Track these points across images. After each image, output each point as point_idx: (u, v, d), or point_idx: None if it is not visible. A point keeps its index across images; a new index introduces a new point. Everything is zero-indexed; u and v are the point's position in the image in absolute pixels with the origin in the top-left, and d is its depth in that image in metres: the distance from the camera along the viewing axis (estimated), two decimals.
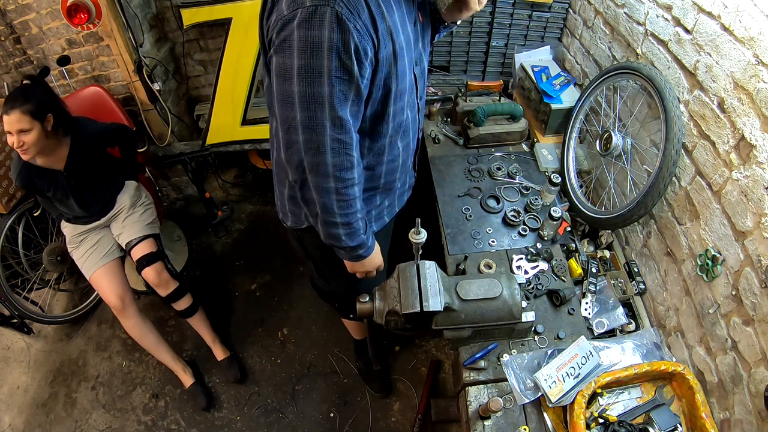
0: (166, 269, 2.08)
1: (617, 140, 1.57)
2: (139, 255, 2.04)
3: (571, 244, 1.65)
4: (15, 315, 2.27)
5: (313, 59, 0.93)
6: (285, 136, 1.04)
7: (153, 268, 2.03)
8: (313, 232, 1.30)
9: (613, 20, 1.71)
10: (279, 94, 1.00)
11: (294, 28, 0.92)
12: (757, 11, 1.07)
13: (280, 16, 0.94)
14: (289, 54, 0.94)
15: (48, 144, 1.77)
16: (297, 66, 0.94)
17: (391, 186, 1.36)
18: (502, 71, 2.32)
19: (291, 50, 0.93)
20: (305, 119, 0.99)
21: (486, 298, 1.29)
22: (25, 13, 2.18)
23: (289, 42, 0.93)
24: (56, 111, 1.78)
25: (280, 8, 0.94)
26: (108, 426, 2.17)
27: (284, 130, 1.03)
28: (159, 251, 2.10)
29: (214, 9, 2.21)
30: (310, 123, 0.99)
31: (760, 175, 1.06)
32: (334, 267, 1.48)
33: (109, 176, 2.06)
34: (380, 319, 1.31)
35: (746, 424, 1.10)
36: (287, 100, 0.99)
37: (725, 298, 1.18)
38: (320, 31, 0.91)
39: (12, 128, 1.68)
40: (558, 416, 1.27)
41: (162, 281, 2.05)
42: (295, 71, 0.94)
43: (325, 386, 2.21)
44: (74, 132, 1.88)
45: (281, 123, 1.03)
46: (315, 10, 0.90)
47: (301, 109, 0.98)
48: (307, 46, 0.92)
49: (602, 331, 1.46)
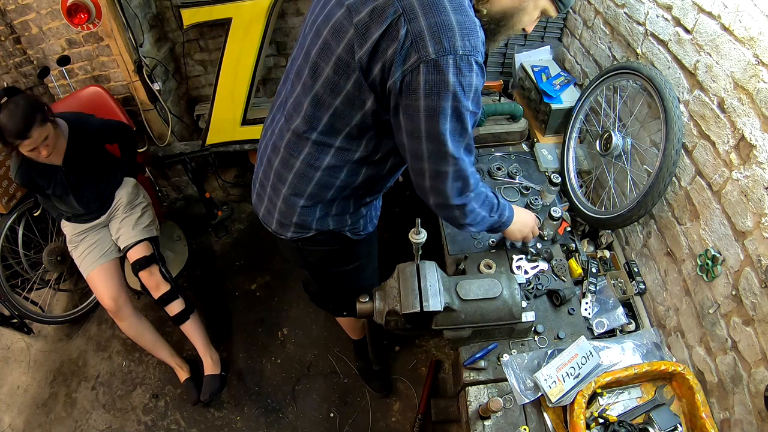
0: (159, 272, 2.08)
1: (617, 140, 1.57)
2: (135, 258, 2.06)
3: (571, 244, 1.65)
4: (15, 315, 2.27)
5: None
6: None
7: (147, 271, 2.05)
8: (314, 241, 1.33)
9: (613, 20, 1.71)
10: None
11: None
12: (757, 11, 1.07)
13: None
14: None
15: (52, 137, 1.77)
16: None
17: (387, 188, 1.42)
18: (502, 71, 2.32)
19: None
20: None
21: (486, 298, 1.29)
22: (25, 13, 2.18)
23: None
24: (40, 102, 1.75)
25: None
26: (108, 426, 2.17)
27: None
28: (153, 255, 2.10)
29: (214, 9, 2.21)
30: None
31: (760, 175, 1.06)
32: (331, 272, 1.53)
33: (108, 172, 2.06)
34: (380, 319, 1.31)
35: (746, 424, 1.10)
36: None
37: (725, 298, 1.18)
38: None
39: (37, 143, 1.70)
40: (558, 416, 1.27)
41: (153, 284, 2.06)
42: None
43: (325, 386, 2.21)
44: (73, 125, 1.87)
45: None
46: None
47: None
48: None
49: (602, 331, 1.46)
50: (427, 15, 0.93)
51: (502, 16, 1.12)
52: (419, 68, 0.94)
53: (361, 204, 1.35)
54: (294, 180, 1.23)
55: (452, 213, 1.21)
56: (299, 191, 1.23)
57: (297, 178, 1.22)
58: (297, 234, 1.32)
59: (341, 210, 1.30)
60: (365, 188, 1.29)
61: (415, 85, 0.96)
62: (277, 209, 1.30)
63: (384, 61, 0.98)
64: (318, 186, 1.22)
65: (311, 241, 1.34)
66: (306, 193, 1.23)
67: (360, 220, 1.38)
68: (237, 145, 2.54)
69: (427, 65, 0.94)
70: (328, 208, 1.28)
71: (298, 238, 1.33)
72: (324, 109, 1.10)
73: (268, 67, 2.66)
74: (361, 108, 1.07)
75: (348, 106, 1.08)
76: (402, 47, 0.95)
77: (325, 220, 1.30)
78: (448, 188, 1.14)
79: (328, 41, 1.05)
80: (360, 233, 1.41)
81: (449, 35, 0.93)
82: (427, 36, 0.93)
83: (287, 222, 1.31)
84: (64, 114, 1.91)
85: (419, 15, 0.93)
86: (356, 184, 1.24)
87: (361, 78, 1.02)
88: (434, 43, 0.93)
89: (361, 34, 0.98)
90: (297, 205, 1.26)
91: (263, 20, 2.21)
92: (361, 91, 1.04)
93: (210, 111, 2.44)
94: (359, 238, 1.41)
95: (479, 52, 0.98)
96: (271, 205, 1.31)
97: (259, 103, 2.60)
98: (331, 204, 1.27)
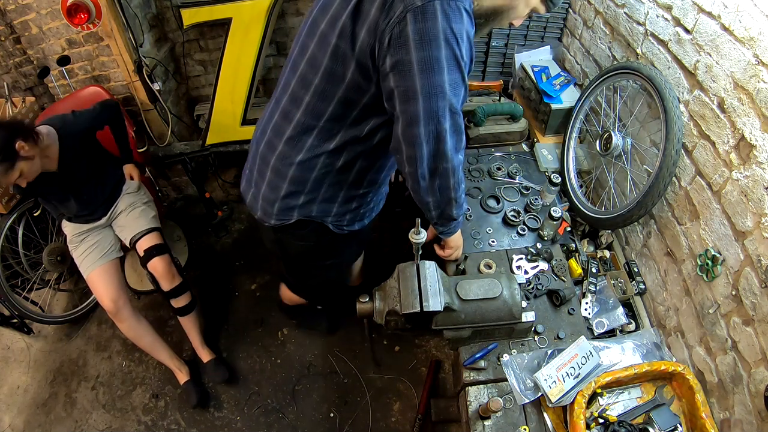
0: (172, 262, 2.08)
1: (617, 140, 1.57)
2: (146, 246, 2.03)
3: (571, 244, 1.65)
4: (15, 315, 2.27)
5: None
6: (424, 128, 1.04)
7: (161, 259, 2.03)
8: (296, 229, 1.32)
9: (613, 20, 1.71)
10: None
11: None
12: (757, 11, 1.07)
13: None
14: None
15: (38, 157, 1.74)
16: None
17: (383, 184, 1.40)
18: (502, 71, 2.32)
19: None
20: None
21: (486, 298, 1.29)
22: (25, 13, 2.18)
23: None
24: (16, 132, 1.65)
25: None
26: (108, 426, 2.17)
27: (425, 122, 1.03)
28: (165, 244, 2.10)
29: (214, 9, 2.21)
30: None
31: (760, 175, 1.06)
32: (308, 265, 1.54)
33: (106, 169, 2.05)
34: (380, 319, 1.31)
35: (746, 424, 1.10)
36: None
37: (725, 298, 1.18)
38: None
39: (8, 184, 1.71)
40: (558, 416, 1.27)
41: (169, 273, 2.04)
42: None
43: (325, 386, 2.21)
44: (60, 129, 1.85)
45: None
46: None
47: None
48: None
49: (602, 331, 1.46)
50: None
51: (492, 11, 1.11)
52: (406, 18, 0.92)
53: (351, 195, 1.31)
54: (276, 163, 1.22)
55: (447, 177, 1.15)
56: (282, 174, 1.22)
57: (279, 161, 1.21)
58: (280, 221, 1.30)
59: (328, 197, 1.27)
60: (353, 175, 1.25)
61: (405, 37, 0.94)
62: (261, 194, 1.30)
63: (369, 23, 0.96)
64: (301, 168, 1.20)
65: (293, 230, 1.33)
66: (288, 176, 1.22)
67: (347, 214, 1.35)
68: (237, 145, 2.54)
69: (414, 13, 0.92)
70: (313, 193, 1.25)
71: (280, 226, 1.32)
72: (306, 88, 1.10)
73: (268, 67, 2.66)
74: (341, 82, 1.05)
75: (329, 83, 1.06)
76: (386, 2, 0.93)
77: (309, 206, 1.27)
78: (448, 147, 1.08)
79: (316, 20, 1.06)
80: (343, 228, 1.37)
81: None
82: None
83: (270, 207, 1.29)
84: (47, 120, 1.88)
85: None
86: (339, 166, 1.20)
87: (343, 49, 1.01)
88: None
89: (345, 2, 0.99)
90: (280, 188, 1.25)
91: (263, 20, 2.20)
92: (343, 64, 1.03)
93: (210, 111, 2.44)
94: (341, 232, 1.38)
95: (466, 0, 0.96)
96: (257, 189, 1.31)
97: (259, 103, 2.60)
98: (316, 189, 1.24)
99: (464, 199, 1.29)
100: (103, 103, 2.05)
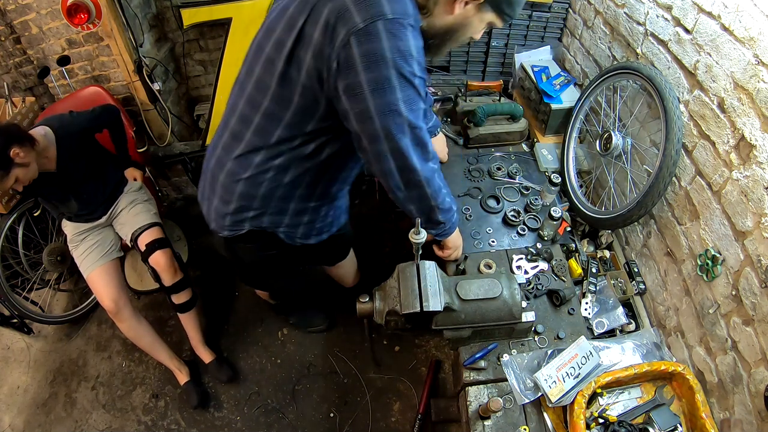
0: (174, 257, 2.08)
1: (617, 140, 1.57)
2: (148, 240, 2.03)
3: (571, 244, 1.65)
4: (15, 315, 2.27)
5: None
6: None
7: (163, 253, 2.02)
8: (246, 241, 1.34)
9: (613, 20, 1.71)
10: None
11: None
12: (757, 11, 1.07)
13: None
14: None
15: (33, 162, 1.73)
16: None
17: (336, 198, 1.41)
18: (502, 71, 2.32)
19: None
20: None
21: (486, 298, 1.29)
22: (25, 13, 2.18)
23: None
24: (11, 139, 1.64)
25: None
26: (108, 426, 2.17)
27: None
28: (167, 238, 2.10)
29: (214, 9, 2.21)
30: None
31: (760, 175, 1.06)
32: (264, 272, 1.59)
33: (105, 168, 2.05)
34: (380, 319, 1.31)
35: (746, 424, 1.10)
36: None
37: (725, 298, 1.19)
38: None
39: (3, 191, 1.70)
40: (558, 416, 1.27)
41: (171, 267, 2.04)
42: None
43: (325, 386, 2.21)
44: (58, 130, 1.85)
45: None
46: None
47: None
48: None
49: (602, 331, 1.46)
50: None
51: (446, 30, 1.12)
52: (350, 42, 0.92)
53: (302, 208, 1.32)
54: (225, 180, 1.23)
55: (421, 187, 1.17)
56: (231, 190, 1.23)
57: (228, 178, 1.22)
58: (232, 231, 1.32)
59: (278, 210, 1.28)
60: (302, 189, 1.26)
61: (352, 60, 0.94)
62: (214, 207, 1.31)
63: (314, 48, 0.96)
64: (249, 184, 1.21)
65: (244, 241, 1.35)
66: (237, 192, 1.23)
67: (300, 226, 1.36)
68: None
69: (357, 36, 0.92)
70: (263, 208, 1.26)
71: (232, 236, 1.33)
72: (256, 109, 1.11)
73: None
74: (289, 104, 1.06)
75: (278, 105, 1.08)
76: (327, 26, 0.94)
77: (259, 218, 1.28)
78: (413, 161, 1.09)
79: (261, 44, 1.08)
80: (296, 240, 1.38)
81: (374, 1, 0.91)
82: (352, 7, 0.92)
83: (222, 220, 1.31)
84: (45, 121, 1.89)
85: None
86: (286, 181, 1.21)
87: (290, 73, 1.01)
88: (359, 12, 0.91)
89: (289, 27, 1.00)
90: (230, 203, 1.26)
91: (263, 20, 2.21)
92: (290, 87, 1.03)
93: (210, 111, 2.44)
94: (294, 244, 1.39)
95: (410, 16, 0.96)
96: (209, 203, 1.33)
97: None
98: (265, 204, 1.25)
99: (449, 203, 1.30)
100: (104, 106, 2.06)
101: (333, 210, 1.44)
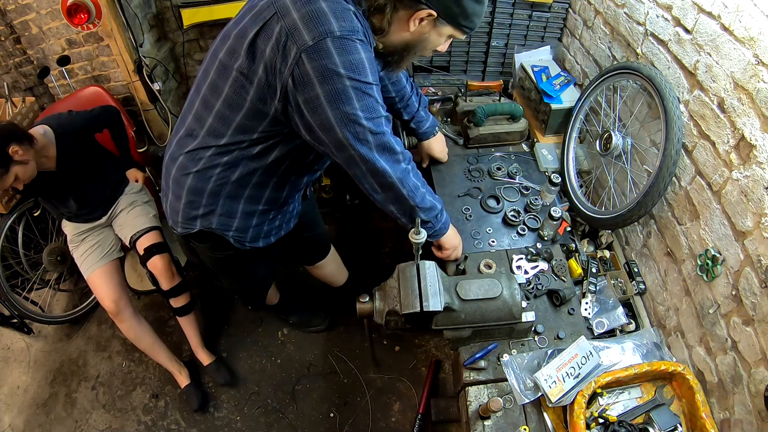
0: (172, 261, 2.08)
1: (617, 140, 1.57)
2: (146, 245, 2.03)
3: (571, 244, 1.65)
4: (15, 315, 2.27)
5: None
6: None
7: (161, 258, 2.03)
8: (198, 241, 1.37)
9: (613, 20, 1.71)
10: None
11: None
12: (757, 11, 1.07)
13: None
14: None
15: (33, 160, 1.74)
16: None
17: (285, 203, 1.43)
18: (502, 71, 2.32)
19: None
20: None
21: (486, 298, 1.29)
22: (25, 13, 2.18)
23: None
24: (10, 137, 1.66)
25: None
26: (108, 426, 2.17)
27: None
28: (165, 243, 2.10)
29: (214, 9, 2.21)
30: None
31: (760, 175, 1.06)
32: (221, 273, 1.61)
33: (105, 167, 2.05)
34: (380, 319, 1.31)
35: (746, 424, 1.10)
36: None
37: (725, 298, 1.18)
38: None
39: (2, 189, 1.71)
40: (558, 416, 1.27)
41: (168, 272, 2.04)
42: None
43: (325, 386, 2.21)
44: (57, 128, 1.85)
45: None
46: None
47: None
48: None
49: (602, 331, 1.46)
50: (298, 8, 0.96)
51: (404, 47, 1.15)
52: (302, 58, 0.95)
53: (251, 211, 1.33)
54: (176, 174, 1.26)
55: (396, 188, 1.20)
56: (181, 183, 1.26)
57: (178, 172, 1.25)
58: (185, 229, 1.34)
59: (226, 211, 1.29)
60: (250, 190, 1.28)
61: (306, 76, 0.97)
62: (169, 203, 1.34)
63: (265, 62, 1.00)
64: (197, 178, 1.23)
65: (197, 240, 1.38)
66: (186, 186, 1.25)
67: (249, 230, 1.37)
68: None
69: (308, 53, 0.95)
70: (211, 205, 1.27)
71: (186, 234, 1.35)
72: (209, 110, 1.13)
73: None
74: (240, 109, 1.09)
75: (229, 108, 1.10)
76: (279, 44, 0.97)
77: (209, 217, 1.30)
78: (381, 165, 1.13)
79: (217, 49, 1.10)
80: (245, 243, 1.39)
81: (322, 20, 0.95)
82: (301, 26, 0.95)
83: (176, 216, 1.33)
84: (44, 120, 1.89)
85: (291, 10, 0.96)
86: (234, 179, 1.23)
87: (241, 81, 1.05)
88: (309, 30, 0.95)
89: (241, 36, 1.02)
90: (181, 198, 1.28)
91: None
92: (242, 94, 1.06)
93: None
94: (243, 248, 1.40)
95: (357, 32, 0.99)
96: (166, 198, 1.36)
97: None
98: (213, 201, 1.27)
99: (431, 202, 1.32)
100: (104, 107, 2.06)
101: (281, 215, 1.46)
